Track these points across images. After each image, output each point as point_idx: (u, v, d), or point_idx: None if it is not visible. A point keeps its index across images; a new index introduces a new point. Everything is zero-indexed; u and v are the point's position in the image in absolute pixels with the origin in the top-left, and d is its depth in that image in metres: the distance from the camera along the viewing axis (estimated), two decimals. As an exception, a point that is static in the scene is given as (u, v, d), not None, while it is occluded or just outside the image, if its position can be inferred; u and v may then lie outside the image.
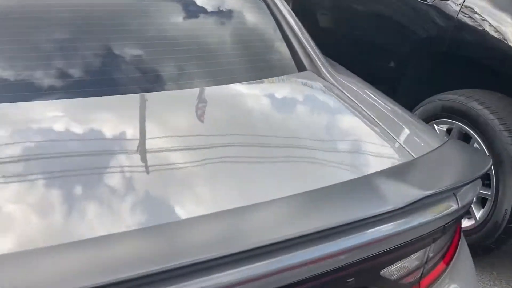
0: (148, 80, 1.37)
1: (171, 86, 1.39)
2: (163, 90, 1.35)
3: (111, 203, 0.90)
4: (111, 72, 1.35)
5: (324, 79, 1.50)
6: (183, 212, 0.91)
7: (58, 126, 1.12)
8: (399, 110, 1.46)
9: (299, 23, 1.71)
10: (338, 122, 1.38)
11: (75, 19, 1.46)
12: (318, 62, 1.56)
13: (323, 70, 1.53)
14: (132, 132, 1.13)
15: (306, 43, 1.62)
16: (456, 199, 1.09)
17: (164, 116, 1.23)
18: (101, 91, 1.27)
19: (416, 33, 2.64)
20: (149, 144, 1.11)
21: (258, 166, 1.10)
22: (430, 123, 2.41)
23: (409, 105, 2.58)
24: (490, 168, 1.27)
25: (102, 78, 1.32)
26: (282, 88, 1.50)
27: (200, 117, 1.26)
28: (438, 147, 1.23)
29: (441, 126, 2.38)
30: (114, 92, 1.28)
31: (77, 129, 1.11)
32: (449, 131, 2.35)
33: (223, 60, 1.55)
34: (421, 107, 2.47)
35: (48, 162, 1.00)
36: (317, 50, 1.62)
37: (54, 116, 1.16)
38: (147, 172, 1.01)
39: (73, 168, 0.98)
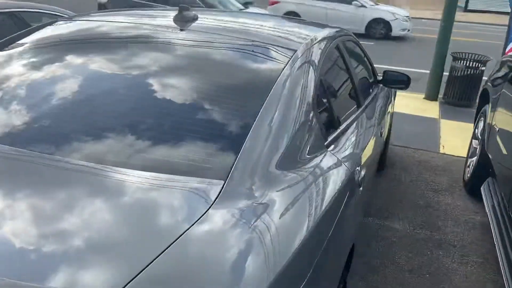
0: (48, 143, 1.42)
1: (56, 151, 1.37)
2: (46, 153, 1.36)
3: None
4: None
5: (237, 197, 1.25)
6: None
7: None
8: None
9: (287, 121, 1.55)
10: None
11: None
12: (250, 175, 1.33)
13: (243, 187, 1.29)
14: None
15: (258, 149, 1.41)
16: None
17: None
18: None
19: None
20: None
21: None
22: None
23: None
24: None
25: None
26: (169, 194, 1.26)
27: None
28: None
29: None
30: None
31: None
32: None
33: (148, 143, 1.44)
34: None
35: None
36: (267, 160, 1.40)
37: None
38: None
39: None
